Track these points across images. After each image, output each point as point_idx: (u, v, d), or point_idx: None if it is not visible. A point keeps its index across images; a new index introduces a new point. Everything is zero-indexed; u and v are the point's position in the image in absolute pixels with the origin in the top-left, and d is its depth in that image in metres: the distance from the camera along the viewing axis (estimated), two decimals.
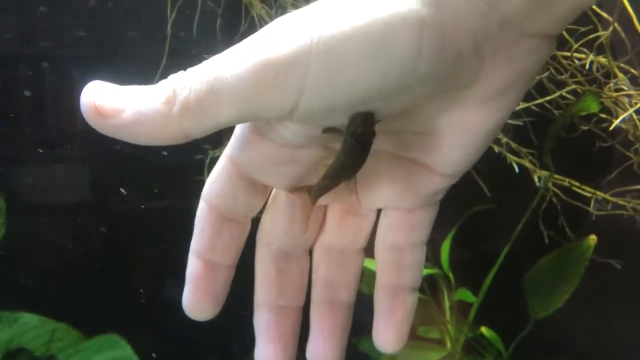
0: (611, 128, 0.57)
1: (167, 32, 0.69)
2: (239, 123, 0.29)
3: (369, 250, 0.36)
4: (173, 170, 0.73)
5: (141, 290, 0.75)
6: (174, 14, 0.69)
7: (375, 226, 0.35)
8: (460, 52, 0.26)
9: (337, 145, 0.30)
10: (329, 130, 0.28)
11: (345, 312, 0.35)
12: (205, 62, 0.27)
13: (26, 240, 0.79)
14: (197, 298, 0.32)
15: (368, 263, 0.36)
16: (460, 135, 0.30)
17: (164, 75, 0.27)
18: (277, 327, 0.33)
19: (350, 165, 0.29)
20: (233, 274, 0.33)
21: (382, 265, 0.34)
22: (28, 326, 0.65)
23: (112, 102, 0.26)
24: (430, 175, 0.32)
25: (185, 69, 0.27)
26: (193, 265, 0.32)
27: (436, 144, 0.31)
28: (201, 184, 0.33)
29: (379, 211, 0.35)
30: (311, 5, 0.27)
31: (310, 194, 0.31)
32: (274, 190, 0.34)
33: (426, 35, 0.25)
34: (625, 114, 0.55)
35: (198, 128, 0.27)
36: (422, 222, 0.34)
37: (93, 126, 0.26)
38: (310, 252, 0.35)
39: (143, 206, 0.79)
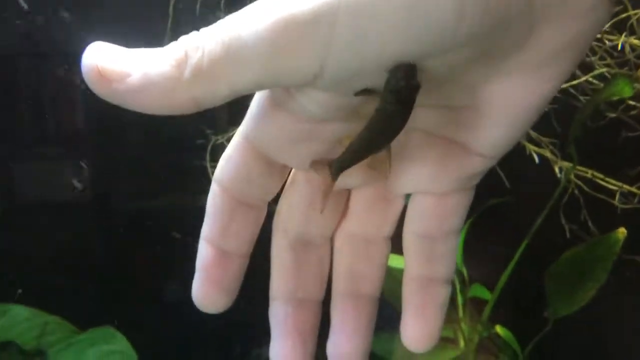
0: None
1: (168, 11, 0.65)
2: (257, 90, 0.26)
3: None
4: (173, 159, 0.70)
5: (139, 285, 0.72)
6: None
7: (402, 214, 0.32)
8: (509, 6, 0.23)
9: (361, 120, 0.27)
10: (362, 92, 0.25)
11: (371, 307, 0.32)
12: (220, 21, 0.24)
13: (20, 235, 0.76)
14: (208, 289, 0.29)
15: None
16: (504, 109, 0.27)
17: None
18: (295, 321, 0.31)
19: (387, 131, 0.25)
20: (247, 265, 0.30)
21: (411, 256, 0.31)
22: (18, 319, 0.62)
23: (117, 65, 0.23)
24: (467, 155, 0.29)
25: None
26: (204, 253, 0.30)
27: (476, 119, 0.28)
28: (203, 172, 0.30)
29: (407, 197, 0.32)
30: None
31: (332, 168, 0.28)
32: (292, 171, 0.31)
33: None
34: None
35: (211, 95, 0.24)
36: (456, 209, 0.31)
37: (96, 92, 0.24)
38: (332, 241, 0.32)
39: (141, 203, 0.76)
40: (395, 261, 0.34)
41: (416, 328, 0.30)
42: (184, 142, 0.67)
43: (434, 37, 0.22)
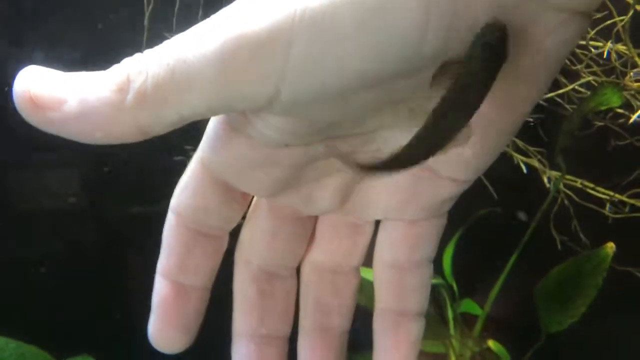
0: (630, 122, 0.51)
1: (144, 24, 0.64)
2: (209, 115, 0.24)
3: (366, 260, 0.31)
4: (147, 175, 0.68)
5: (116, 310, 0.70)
6: (151, 5, 0.63)
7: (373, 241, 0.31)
8: (474, 26, 0.22)
9: (323, 145, 0.25)
10: (444, 67, 0.21)
11: (340, 341, 0.30)
12: (166, 42, 0.22)
13: None
14: (165, 327, 0.27)
15: (365, 273, 0.31)
16: (475, 131, 0.26)
17: None
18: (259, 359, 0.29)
19: (471, 99, 0.22)
20: (208, 298, 0.29)
21: (381, 287, 0.30)
22: None
23: (51, 91, 0.22)
24: (437, 180, 0.28)
25: None
26: (160, 288, 0.28)
27: None
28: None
29: (377, 223, 0.30)
30: None
31: (377, 169, 0.24)
32: (254, 198, 0.29)
33: (434, 5, 0.20)
34: None
35: (157, 122, 0.22)
36: (428, 236, 0.29)
37: (29, 121, 0.22)
38: (298, 271, 0.30)
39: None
40: None
41: None
42: (160, 158, 0.65)
43: (397, 55, 0.21)
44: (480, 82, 0.21)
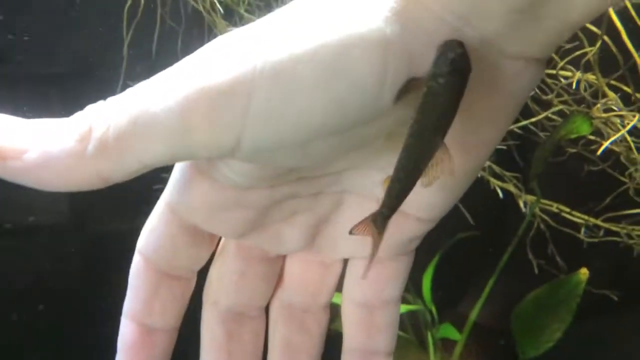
0: (600, 151, 0.53)
1: (123, 53, 0.64)
2: (170, 163, 0.24)
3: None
4: (125, 209, 0.68)
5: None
6: (130, 34, 0.64)
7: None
8: None
9: (289, 185, 0.25)
10: (409, 84, 0.22)
11: None
12: (128, 90, 0.23)
13: None
14: None
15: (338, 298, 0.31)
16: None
17: None
18: None
19: (440, 120, 0.22)
20: (175, 339, 0.29)
21: (350, 326, 0.30)
22: None
23: (12, 141, 0.22)
24: (404, 219, 0.28)
25: None
26: (126, 330, 0.28)
27: None
28: None
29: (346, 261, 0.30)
30: (257, 23, 0.23)
31: (377, 221, 0.25)
32: (222, 239, 0.29)
33: (391, 57, 0.21)
34: (616, 136, 0.51)
35: (119, 170, 0.22)
36: (396, 275, 0.29)
37: None
38: (267, 310, 0.30)
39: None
40: None
41: None
42: (137, 190, 0.65)
43: (355, 107, 0.21)
44: (449, 98, 0.22)
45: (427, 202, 0.27)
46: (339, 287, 0.31)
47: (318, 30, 0.21)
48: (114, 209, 0.75)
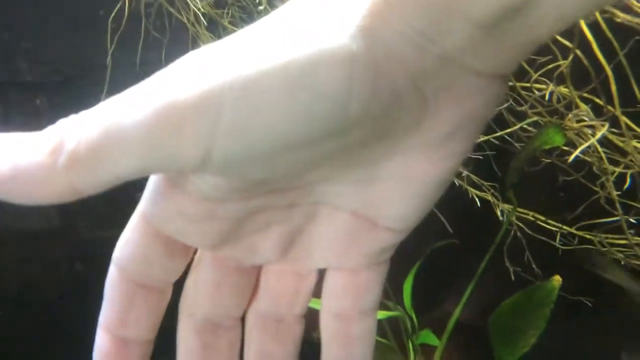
0: (570, 160, 0.54)
1: (107, 63, 0.65)
2: (142, 175, 0.25)
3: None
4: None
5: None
6: (114, 45, 0.64)
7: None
8: (397, 92, 0.23)
9: (262, 197, 0.27)
10: None
11: None
12: (101, 104, 0.23)
13: None
14: None
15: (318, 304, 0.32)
16: (404, 186, 0.27)
17: None
18: None
19: None
20: (150, 351, 0.29)
21: (328, 338, 0.30)
22: None
23: None
24: (375, 230, 0.29)
25: None
26: (101, 342, 0.28)
27: (379, 195, 0.28)
28: None
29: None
30: (228, 39, 0.24)
31: None
32: (198, 250, 0.30)
33: (356, 73, 0.22)
34: (584, 145, 0.53)
35: (91, 182, 0.23)
36: (370, 285, 0.30)
37: None
38: (244, 320, 0.31)
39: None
40: None
41: None
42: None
43: (323, 118, 0.22)
44: None
45: (398, 213, 0.28)
46: (319, 294, 0.32)
47: (286, 46, 0.22)
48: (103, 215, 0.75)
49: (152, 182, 0.27)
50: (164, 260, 0.28)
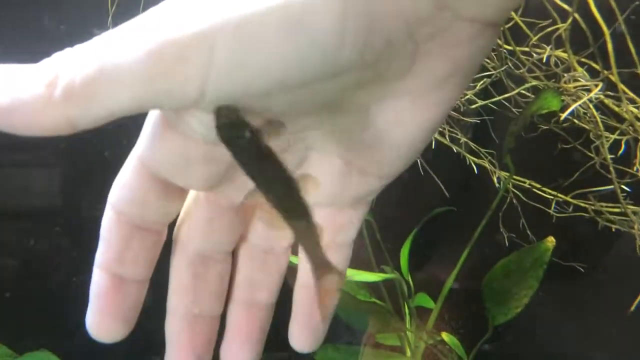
0: (562, 117, 0.54)
1: (107, 26, 0.65)
2: (137, 111, 0.25)
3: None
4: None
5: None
6: (114, 7, 0.64)
7: None
8: (390, 37, 0.23)
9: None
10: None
11: (265, 314, 0.32)
12: (96, 38, 0.23)
13: None
14: (103, 318, 0.28)
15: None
16: (395, 132, 0.28)
17: None
18: (190, 336, 0.30)
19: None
20: (146, 290, 0.30)
21: (303, 264, 0.32)
22: None
23: None
24: (363, 175, 0.30)
25: None
26: (98, 280, 0.29)
27: (369, 141, 0.28)
28: None
29: None
30: None
31: None
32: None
33: (351, 15, 0.22)
34: (579, 102, 0.53)
35: (86, 116, 0.23)
36: (351, 221, 0.32)
37: None
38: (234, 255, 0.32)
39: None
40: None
41: (302, 334, 0.32)
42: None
43: (316, 60, 0.23)
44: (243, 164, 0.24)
45: (386, 159, 0.29)
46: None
47: None
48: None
49: (149, 125, 0.28)
50: (160, 202, 0.29)
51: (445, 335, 0.69)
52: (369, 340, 0.71)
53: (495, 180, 0.66)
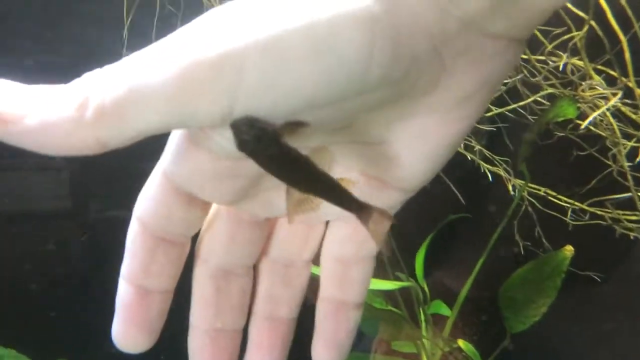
0: (582, 125, 0.54)
1: (123, 36, 0.65)
2: (165, 131, 0.26)
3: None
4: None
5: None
6: (130, 17, 0.65)
7: None
8: (417, 55, 0.24)
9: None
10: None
11: (287, 328, 0.32)
12: (125, 59, 0.24)
13: None
14: (128, 329, 0.29)
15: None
16: (418, 146, 0.28)
17: None
18: (212, 351, 0.31)
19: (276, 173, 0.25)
20: (170, 301, 0.30)
21: (326, 278, 0.32)
22: None
23: (12, 106, 0.22)
24: (385, 189, 0.30)
25: None
26: (123, 292, 0.29)
27: (392, 156, 0.28)
28: None
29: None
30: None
31: None
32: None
33: (378, 35, 0.22)
34: (597, 112, 0.52)
35: (116, 136, 0.23)
36: (374, 235, 0.31)
37: None
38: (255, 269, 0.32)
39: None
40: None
41: (326, 351, 0.32)
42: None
43: (344, 79, 0.23)
44: (263, 163, 0.24)
45: (408, 173, 0.29)
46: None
47: (309, 7, 0.22)
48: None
49: (173, 140, 0.28)
50: (184, 215, 0.29)
51: (461, 343, 0.69)
52: (380, 347, 0.71)
53: (510, 188, 0.66)
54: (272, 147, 0.24)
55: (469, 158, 0.66)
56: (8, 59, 0.72)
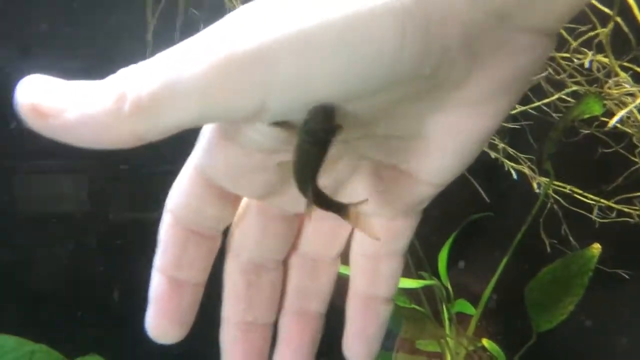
0: (610, 124, 0.53)
1: (147, 40, 0.66)
2: (200, 124, 0.26)
3: None
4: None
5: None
6: (154, 21, 0.66)
7: None
8: (448, 48, 0.24)
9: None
10: (278, 124, 0.25)
11: (316, 323, 0.33)
12: (161, 54, 0.24)
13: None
14: (162, 320, 0.29)
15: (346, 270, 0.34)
16: (449, 141, 0.28)
17: None
18: (244, 345, 0.31)
19: (306, 168, 0.25)
20: (202, 293, 0.31)
21: (356, 273, 0.32)
22: (4, 349, 0.61)
23: (52, 101, 0.23)
24: (415, 183, 0.30)
25: None
26: (157, 283, 0.30)
27: (422, 150, 0.28)
28: None
29: None
30: None
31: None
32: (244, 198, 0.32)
33: (409, 27, 0.22)
34: (624, 110, 0.52)
35: (153, 129, 0.24)
36: (403, 231, 0.32)
37: (31, 126, 0.23)
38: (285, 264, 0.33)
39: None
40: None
41: (357, 345, 0.32)
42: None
43: (376, 74, 0.23)
44: (311, 158, 0.25)
45: (438, 167, 0.29)
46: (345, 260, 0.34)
47: (341, 0, 0.22)
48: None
49: (205, 135, 0.29)
50: (215, 209, 0.30)
51: (486, 342, 0.69)
52: (403, 345, 0.71)
53: (535, 185, 0.65)
54: (329, 143, 0.24)
55: (493, 156, 0.66)
56: (38, 64, 0.73)
